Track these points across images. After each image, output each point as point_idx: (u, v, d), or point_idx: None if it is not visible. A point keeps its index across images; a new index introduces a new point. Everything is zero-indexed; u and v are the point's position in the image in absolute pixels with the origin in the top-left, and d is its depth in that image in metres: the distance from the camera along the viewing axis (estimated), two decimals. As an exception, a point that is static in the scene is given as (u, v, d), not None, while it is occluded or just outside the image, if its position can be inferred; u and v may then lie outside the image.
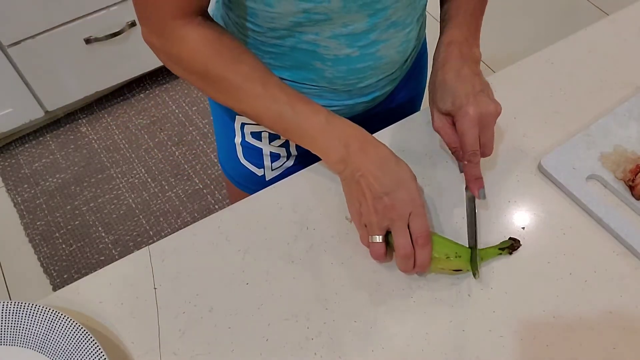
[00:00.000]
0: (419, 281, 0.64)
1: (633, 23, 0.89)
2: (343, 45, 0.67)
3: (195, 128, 1.91)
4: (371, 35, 0.67)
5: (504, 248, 0.64)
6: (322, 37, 0.66)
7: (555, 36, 0.88)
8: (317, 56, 0.69)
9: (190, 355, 0.60)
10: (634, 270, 0.64)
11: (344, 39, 0.66)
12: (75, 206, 1.76)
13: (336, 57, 0.69)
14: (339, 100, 0.76)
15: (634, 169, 0.68)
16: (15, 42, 1.60)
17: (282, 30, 0.66)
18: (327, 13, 0.62)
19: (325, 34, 0.65)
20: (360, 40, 0.67)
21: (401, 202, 0.60)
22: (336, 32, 0.65)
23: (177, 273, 0.66)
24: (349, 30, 0.65)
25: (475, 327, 0.60)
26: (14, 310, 0.60)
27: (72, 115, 1.96)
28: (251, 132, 0.82)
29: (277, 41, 0.67)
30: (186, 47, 0.63)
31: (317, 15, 0.62)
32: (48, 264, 1.64)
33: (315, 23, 0.64)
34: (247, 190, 0.89)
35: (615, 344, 0.59)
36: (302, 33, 0.65)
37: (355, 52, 0.69)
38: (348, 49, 0.68)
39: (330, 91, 0.74)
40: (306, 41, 0.67)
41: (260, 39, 0.69)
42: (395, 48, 0.72)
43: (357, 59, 0.70)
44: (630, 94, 0.79)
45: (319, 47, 0.67)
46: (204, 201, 1.75)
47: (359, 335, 0.61)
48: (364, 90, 0.76)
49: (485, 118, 0.64)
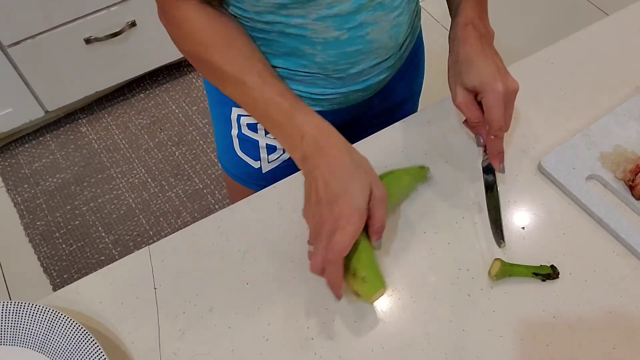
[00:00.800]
0: (419, 281, 0.64)
1: (633, 23, 0.89)
2: (331, 27, 0.67)
3: (195, 128, 1.91)
4: (358, 17, 0.67)
5: (539, 274, 0.63)
6: (309, 20, 0.66)
7: (555, 36, 0.88)
8: (306, 40, 0.69)
9: (190, 355, 0.60)
10: (634, 270, 0.64)
11: (331, 20, 0.67)
12: (75, 206, 1.76)
13: (325, 41, 0.69)
14: (333, 88, 0.76)
15: (634, 169, 0.68)
16: (15, 42, 1.60)
17: (268, 14, 0.66)
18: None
19: (312, 16, 0.66)
20: (348, 22, 0.67)
21: (338, 213, 0.58)
22: (322, 14, 0.66)
23: (177, 273, 0.66)
24: (334, 11, 0.66)
25: (475, 327, 0.60)
26: (14, 310, 0.60)
27: (72, 115, 1.96)
28: (247, 124, 0.82)
29: (265, 26, 0.68)
30: (183, 28, 0.67)
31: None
32: (48, 264, 1.64)
33: (299, 5, 0.64)
34: (244, 184, 0.89)
35: (615, 344, 0.59)
36: (289, 17, 0.66)
37: (344, 35, 0.69)
38: (336, 32, 0.68)
39: (323, 78, 0.74)
40: (294, 25, 0.67)
41: (248, 25, 0.69)
42: (387, 32, 0.72)
43: (347, 42, 0.70)
44: (630, 94, 0.79)
45: (307, 31, 0.67)
46: (204, 201, 1.75)
47: (359, 335, 0.61)
48: (356, 78, 0.76)
49: (510, 95, 0.66)
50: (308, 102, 0.78)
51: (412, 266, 0.65)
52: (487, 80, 0.66)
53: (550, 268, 0.63)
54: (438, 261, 0.65)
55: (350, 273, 0.60)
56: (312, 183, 0.61)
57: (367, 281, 0.59)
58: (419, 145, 0.75)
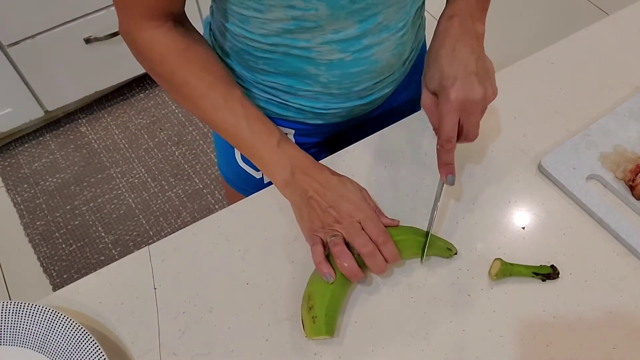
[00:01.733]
0: (419, 281, 0.64)
1: (633, 23, 0.89)
2: (335, 50, 0.67)
3: (195, 128, 1.91)
4: (364, 40, 0.67)
5: (539, 274, 0.63)
6: (314, 44, 0.66)
7: (555, 36, 0.88)
8: (310, 62, 0.69)
9: (190, 355, 0.60)
10: (634, 270, 0.64)
11: (336, 44, 0.66)
12: (75, 206, 1.76)
13: (330, 62, 0.69)
14: (336, 103, 0.76)
15: (634, 169, 0.68)
16: (15, 42, 1.60)
17: (273, 36, 0.66)
18: (316, 20, 0.62)
19: (317, 40, 0.65)
20: (353, 45, 0.67)
21: (347, 211, 0.62)
22: (327, 38, 0.65)
23: (177, 273, 0.66)
24: (340, 36, 0.65)
25: (475, 327, 0.60)
26: (14, 310, 0.60)
27: (72, 115, 1.96)
28: None
29: (270, 47, 0.68)
30: (154, 51, 0.65)
31: (306, 22, 0.63)
32: (48, 264, 1.64)
33: (305, 30, 0.64)
34: (245, 193, 0.89)
35: (615, 344, 0.59)
36: (294, 39, 0.66)
37: (348, 57, 0.68)
38: (341, 54, 0.68)
39: (327, 94, 0.74)
40: (299, 47, 0.67)
41: (253, 45, 0.68)
42: (390, 51, 0.71)
43: (351, 64, 0.70)
44: (630, 94, 0.79)
45: (312, 53, 0.67)
46: (204, 201, 1.75)
47: (359, 335, 0.61)
48: (360, 94, 0.76)
49: (470, 104, 0.61)
50: (311, 116, 0.78)
51: (412, 266, 0.65)
52: (445, 85, 0.61)
53: (550, 268, 0.63)
54: (438, 261, 0.65)
55: (306, 302, 0.60)
56: (310, 201, 0.63)
57: (316, 323, 0.59)
58: (419, 145, 0.75)
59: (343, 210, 0.62)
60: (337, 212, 0.62)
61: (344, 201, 0.63)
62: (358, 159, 0.74)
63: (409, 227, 0.66)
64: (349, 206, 0.63)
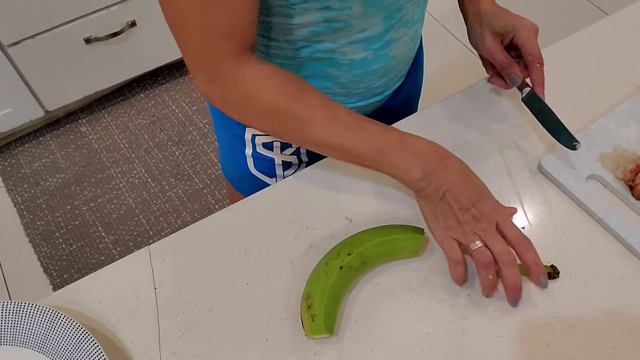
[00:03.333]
0: (419, 281, 0.64)
1: (633, 23, 0.89)
2: (359, 49, 0.68)
3: (195, 128, 1.91)
4: (385, 37, 0.68)
5: None
6: (339, 44, 0.66)
7: (555, 36, 0.88)
8: (332, 62, 0.69)
9: (190, 355, 0.60)
10: (634, 270, 0.64)
11: (361, 43, 0.67)
12: (75, 206, 1.76)
13: (351, 62, 0.69)
14: (352, 102, 0.77)
15: (634, 169, 0.68)
16: (15, 42, 1.60)
17: (299, 41, 0.65)
18: (347, 20, 0.62)
19: (343, 40, 0.66)
20: (377, 42, 0.68)
21: (487, 211, 0.60)
22: (353, 37, 0.65)
23: (177, 273, 0.66)
24: (365, 34, 0.66)
25: (475, 327, 0.60)
26: (14, 310, 0.60)
27: (72, 115, 1.96)
28: (263, 143, 0.81)
29: (294, 52, 0.67)
30: (249, 87, 0.60)
31: (337, 23, 0.62)
32: (48, 264, 1.64)
33: (333, 31, 0.64)
34: None
35: (615, 344, 0.59)
36: (320, 42, 0.65)
37: (370, 55, 0.69)
38: (364, 52, 0.68)
39: (343, 95, 0.75)
40: (323, 50, 0.66)
41: (273, 52, 0.68)
42: (406, 46, 0.73)
43: (372, 61, 0.70)
44: (630, 94, 0.79)
45: (335, 54, 0.67)
46: (204, 201, 1.75)
47: (359, 335, 0.61)
48: (376, 91, 0.77)
49: (536, 31, 0.73)
50: None
51: (412, 266, 0.65)
52: (515, 21, 0.72)
53: (551, 267, 0.63)
54: (438, 261, 0.65)
55: (305, 301, 0.60)
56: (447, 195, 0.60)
57: (315, 321, 0.58)
58: (419, 145, 0.75)
59: (484, 210, 0.60)
60: (477, 211, 0.59)
61: (485, 199, 0.60)
62: (358, 159, 0.74)
63: (405, 225, 0.65)
64: (489, 205, 0.60)
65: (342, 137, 0.61)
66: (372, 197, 0.70)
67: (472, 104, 0.80)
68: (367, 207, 0.70)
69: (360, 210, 0.69)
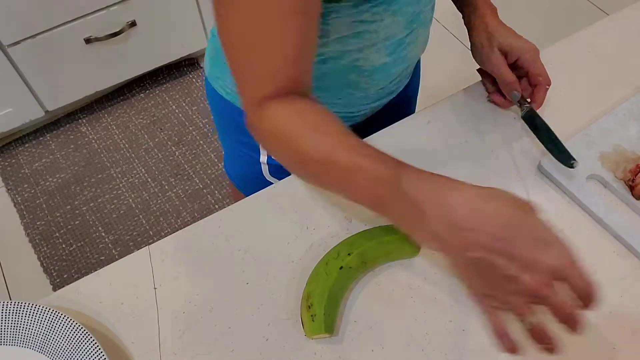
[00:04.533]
0: (419, 281, 0.64)
1: (633, 23, 0.89)
2: (383, 54, 0.69)
3: (195, 128, 1.91)
4: (406, 40, 0.70)
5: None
6: (365, 53, 0.67)
7: (555, 36, 0.88)
8: (355, 69, 0.70)
9: (190, 355, 0.60)
10: (634, 270, 0.64)
11: (385, 49, 0.68)
12: (75, 206, 1.76)
13: (373, 67, 0.70)
14: (368, 103, 0.78)
15: (634, 169, 0.68)
16: (15, 42, 1.60)
17: (327, 52, 0.66)
18: (377, 30, 0.63)
19: (368, 50, 0.67)
20: (399, 46, 0.69)
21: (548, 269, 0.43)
22: (379, 45, 0.67)
23: (177, 273, 0.66)
24: (390, 41, 0.67)
25: (475, 327, 0.60)
26: (14, 310, 0.60)
27: (72, 115, 1.96)
28: None
29: (318, 64, 0.67)
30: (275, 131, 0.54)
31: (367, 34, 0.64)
32: (48, 264, 1.64)
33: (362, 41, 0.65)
34: None
35: (615, 344, 0.59)
36: (347, 52, 0.66)
37: (391, 60, 0.71)
38: (387, 58, 0.70)
39: (361, 97, 0.76)
40: (348, 59, 0.67)
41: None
42: (419, 46, 0.75)
43: (392, 65, 0.72)
44: (630, 94, 0.79)
45: (359, 61, 0.68)
46: (204, 201, 1.74)
47: (359, 335, 0.61)
48: (390, 88, 0.78)
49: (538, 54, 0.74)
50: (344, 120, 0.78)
51: (412, 266, 0.65)
52: (522, 43, 0.72)
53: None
54: (438, 261, 0.65)
55: (305, 301, 0.60)
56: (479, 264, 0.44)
57: (315, 321, 0.58)
58: (418, 145, 0.75)
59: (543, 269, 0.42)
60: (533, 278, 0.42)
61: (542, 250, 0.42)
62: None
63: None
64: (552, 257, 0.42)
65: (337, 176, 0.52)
66: (372, 197, 0.70)
67: (472, 104, 0.80)
68: (367, 207, 0.70)
69: (360, 210, 0.69)
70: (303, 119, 0.54)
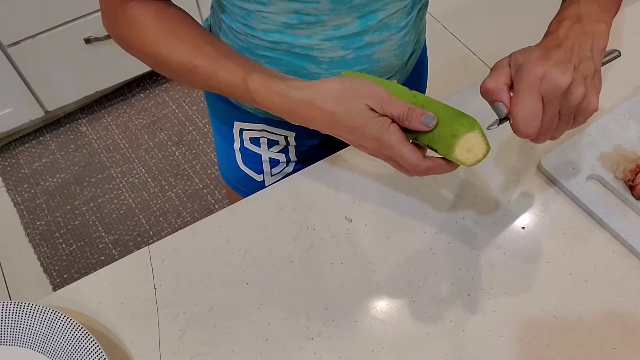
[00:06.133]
0: (419, 281, 0.64)
1: (633, 23, 0.89)
2: (337, 47, 0.67)
3: (195, 128, 1.91)
4: (365, 38, 0.67)
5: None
6: (315, 40, 0.66)
7: (555, 36, 0.88)
8: (312, 60, 0.69)
9: (190, 355, 0.60)
10: (634, 270, 0.64)
11: (337, 41, 0.67)
12: (75, 206, 1.76)
13: (331, 60, 0.69)
14: None
15: (634, 169, 0.68)
16: (15, 42, 1.60)
17: (275, 32, 0.66)
18: (318, 15, 0.63)
19: (318, 36, 0.66)
20: (354, 42, 0.67)
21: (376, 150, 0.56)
22: (329, 34, 0.66)
23: (177, 273, 0.66)
24: (341, 32, 0.66)
25: (475, 327, 0.60)
26: (14, 310, 0.60)
27: (72, 115, 1.96)
28: (250, 138, 0.82)
29: (271, 45, 0.68)
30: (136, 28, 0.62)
31: (307, 16, 0.63)
32: (48, 264, 1.64)
33: (307, 25, 0.64)
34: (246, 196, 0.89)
35: (615, 344, 0.59)
36: (296, 36, 0.66)
37: (350, 54, 0.69)
38: (343, 51, 0.68)
39: None
40: (300, 45, 0.67)
41: (254, 42, 0.69)
42: (392, 51, 0.72)
43: (353, 62, 0.70)
44: (630, 94, 0.79)
45: (313, 50, 0.67)
46: (204, 201, 1.75)
47: (359, 335, 0.61)
48: None
49: (551, 89, 0.51)
50: None
51: (412, 266, 0.65)
52: (531, 59, 0.53)
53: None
54: (438, 261, 0.65)
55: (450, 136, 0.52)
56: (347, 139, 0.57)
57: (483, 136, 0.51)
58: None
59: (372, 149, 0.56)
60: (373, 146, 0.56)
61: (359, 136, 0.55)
62: (358, 158, 0.74)
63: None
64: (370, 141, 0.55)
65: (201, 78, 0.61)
66: (372, 197, 0.70)
67: (472, 104, 0.80)
68: (367, 207, 0.70)
69: (360, 210, 0.69)
70: (162, 23, 0.61)
